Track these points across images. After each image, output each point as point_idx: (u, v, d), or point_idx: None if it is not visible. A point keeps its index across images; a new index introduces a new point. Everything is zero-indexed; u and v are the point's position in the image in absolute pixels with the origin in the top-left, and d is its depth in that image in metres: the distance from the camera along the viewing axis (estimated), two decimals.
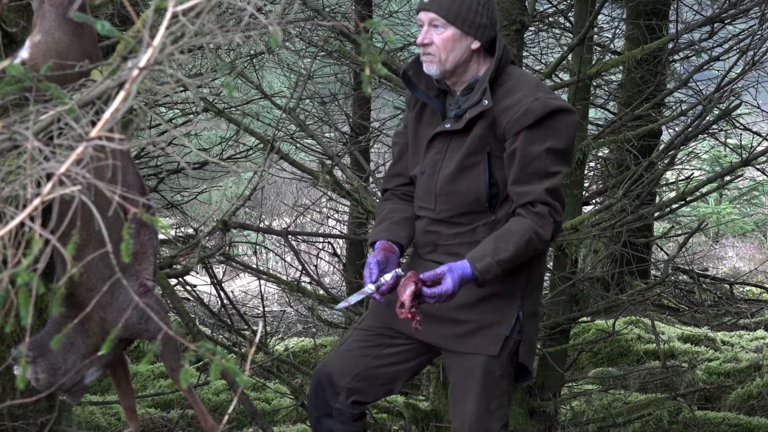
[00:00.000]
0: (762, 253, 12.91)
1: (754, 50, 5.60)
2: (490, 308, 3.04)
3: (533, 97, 2.87)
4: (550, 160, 2.88)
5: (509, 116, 2.88)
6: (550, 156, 2.88)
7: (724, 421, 5.69)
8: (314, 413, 3.32)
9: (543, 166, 2.88)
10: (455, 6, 2.88)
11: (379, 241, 3.08)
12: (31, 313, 1.45)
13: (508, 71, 2.95)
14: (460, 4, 2.88)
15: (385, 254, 3.02)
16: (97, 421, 5.51)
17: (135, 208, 1.54)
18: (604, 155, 8.15)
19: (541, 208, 2.89)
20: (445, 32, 2.90)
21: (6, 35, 3.57)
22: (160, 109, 6.82)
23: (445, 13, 2.88)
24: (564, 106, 2.90)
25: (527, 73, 3.02)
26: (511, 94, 2.90)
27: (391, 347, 3.19)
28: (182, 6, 1.51)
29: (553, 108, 2.86)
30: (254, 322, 7.25)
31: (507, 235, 2.89)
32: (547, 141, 2.87)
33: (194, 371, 5.57)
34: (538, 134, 2.87)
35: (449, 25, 2.89)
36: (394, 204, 3.18)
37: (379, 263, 2.98)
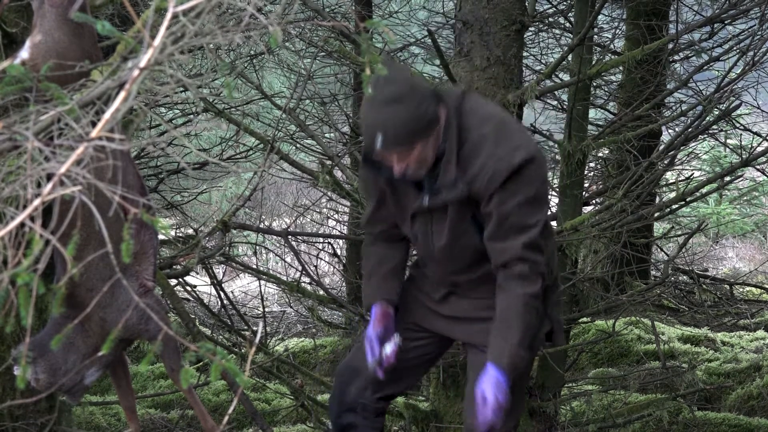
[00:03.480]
0: (762, 253, 12.91)
1: (754, 51, 5.59)
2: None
3: (496, 158, 2.86)
4: (525, 213, 2.89)
5: (478, 183, 2.89)
6: (524, 209, 2.89)
7: (724, 422, 5.69)
8: (336, 409, 3.31)
9: (518, 221, 2.89)
10: (406, 130, 2.81)
11: (374, 306, 3.14)
12: (31, 314, 1.45)
13: (464, 124, 2.91)
14: (407, 126, 2.81)
15: (383, 325, 3.11)
16: (97, 422, 5.51)
17: (135, 208, 1.54)
18: (604, 156, 8.15)
19: (521, 268, 2.91)
20: (412, 153, 2.87)
21: (6, 35, 3.58)
22: (160, 110, 6.82)
23: (402, 142, 2.83)
24: (527, 155, 2.87)
25: (483, 117, 2.92)
26: (475, 156, 2.88)
27: (416, 341, 3.25)
28: (182, 6, 1.51)
29: (518, 164, 2.86)
30: (254, 323, 7.25)
31: (505, 319, 2.93)
32: (518, 195, 2.87)
33: (194, 372, 5.57)
34: (509, 192, 2.87)
35: (412, 146, 2.85)
36: (381, 251, 3.21)
37: (379, 338, 3.08)
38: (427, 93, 2.85)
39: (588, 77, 5.24)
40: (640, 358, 6.92)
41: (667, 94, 6.82)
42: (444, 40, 7.14)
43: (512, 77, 4.83)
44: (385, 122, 2.80)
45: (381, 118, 2.80)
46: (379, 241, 3.22)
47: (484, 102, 3.03)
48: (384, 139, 2.81)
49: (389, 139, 2.81)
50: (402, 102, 2.80)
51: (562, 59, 5.03)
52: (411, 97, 2.80)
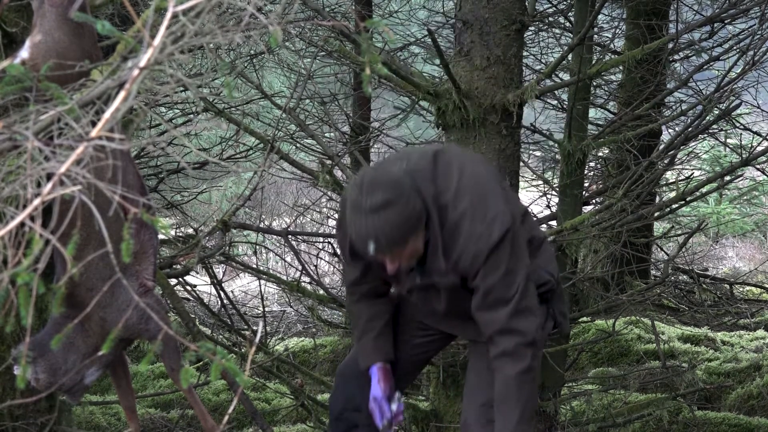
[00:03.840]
0: (762, 253, 12.91)
1: (754, 50, 5.59)
2: None
3: (475, 237, 2.88)
4: (508, 283, 2.92)
5: (462, 265, 2.92)
6: (507, 279, 2.91)
7: (724, 421, 5.69)
8: (337, 407, 3.31)
9: (502, 293, 2.92)
10: (398, 234, 2.82)
11: (374, 367, 3.17)
12: (31, 313, 1.45)
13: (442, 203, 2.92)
14: (399, 229, 2.81)
15: (387, 385, 3.16)
16: (97, 421, 5.51)
17: (135, 208, 1.54)
18: (604, 155, 8.15)
19: (507, 343, 2.94)
20: (404, 252, 2.88)
21: (6, 35, 3.57)
22: (160, 109, 6.82)
23: (395, 246, 2.84)
24: (504, 227, 2.89)
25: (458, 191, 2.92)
26: (456, 238, 2.91)
27: (422, 337, 3.29)
28: (182, 6, 1.51)
29: (495, 241, 2.88)
30: (254, 322, 7.25)
31: (503, 401, 2.98)
32: (500, 267, 2.90)
33: (194, 371, 5.57)
34: (491, 266, 2.90)
35: (404, 246, 2.86)
36: (368, 309, 3.22)
37: (387, 397, 3.14)
38: (410, 189, 2.84)
39: (588, 77, 5.24)
40: (640, 358, 6.92)
41: (667, 93, 6.82)
42: (444, 39, 7.14)
43: (512, 77, 4.84)
44: (376, 230, 2.79)
45: (371, 226, 2.79)
46: (364, 299, 3.23)
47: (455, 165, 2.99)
48: (377, 246, 2.81)
49: (382, 246, 2.82)
50: (390, 207, 2.79)
51: (562, 59, 5.03)
52: (397, 199, 2.80)
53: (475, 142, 4.85)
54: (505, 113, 4.82)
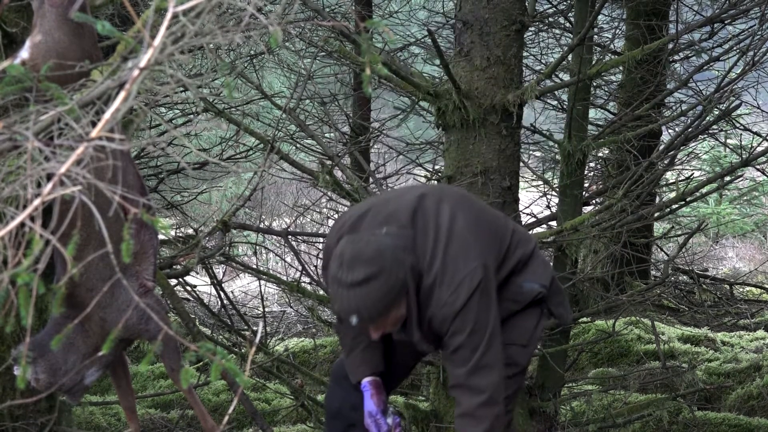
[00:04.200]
0: (762, 253, 12.91)
1: (754, 50, 5.59)
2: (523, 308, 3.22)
3: (441, 304, 2.95)
4: (473, 342, 2.97)
5: (434, 328, 3.01)
6: (472, 338, 2.97)
7: (724, 422, 5.68)
8: (334, 406, 3.33)
9: (467, 352, 2.98)
10: (380, 307, 2.87)
11: (365, 382, 3.21)
12: (31, 314, 1.45)
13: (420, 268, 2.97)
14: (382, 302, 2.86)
15: (381, 399, 3.20)
16: (97, 422, 5.50)
17: (135, 208, 1.54)
18: (604, 155, 8.15)
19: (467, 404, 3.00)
20: (387, 320, 2.94)
21: (6, 35, 3.57)
22: (160, 110, 6.82)
23: (378, 318, 2.89)
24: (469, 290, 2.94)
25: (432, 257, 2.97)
26: (428, 302, 2.97)
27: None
28: (183, 6, 1.51)
29: (460, 307, 2.95)
30: (254, 323, 7.24)
31: None
32: (466, 328, 2.96)
33: (194, 371, 5.57)
34: (457, 327, 2.97)
35: (387, 316, 2.92)
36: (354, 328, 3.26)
37: (383, 413, 3.18)
38: (391, 261, 2.88)
39: (588, 77, 5.24)
40: (640, 358, 6.92)
41: (667, 94, 6.82)
42: (444, 40, 7.14)
43: (512, 77, 4.84)
44: (357, 305, 2.84)
45: (354, 300, 2.84)
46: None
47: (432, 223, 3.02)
48: (359, 319, 2.87)
49: (365, 319, 2.88)
50: (371, 282, 2.84)
51: (562, 59, 5.03)
52: (378, 274, 2.84)
53: (475, 142, 4.85)
54: (505, 113, 4.82)
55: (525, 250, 3.18)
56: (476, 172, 4.85)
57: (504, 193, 4.89)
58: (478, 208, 3.15)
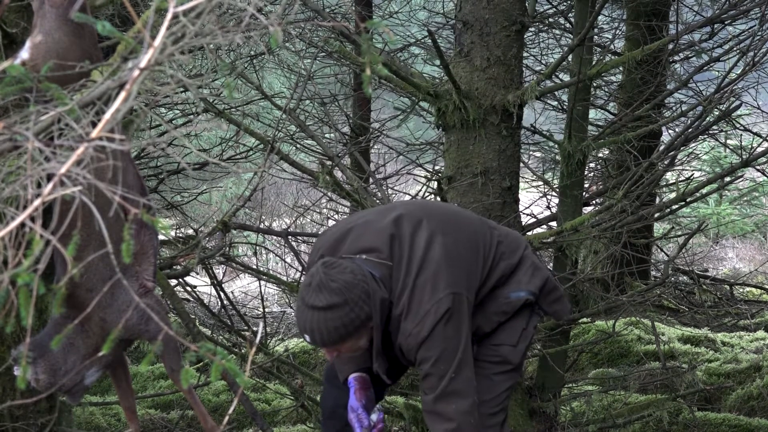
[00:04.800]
0: (762, 254, 12.91)
1: (755, 51, 5.59)
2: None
3: (407, 333, 2.98)
4: (439, 370, 2.99)
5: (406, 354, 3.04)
6: (438, 367, 2.99)
7: (724, 422, 5.68)
8: (329, 405, 3.34)
9: (434, 380, 3.00)
10: (332, 337, 2.90)
11: (351, 378, 3.22)
12: (31, 314, 1.45)
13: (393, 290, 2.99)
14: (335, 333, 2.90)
15: (365, 395, 3.21)
16: (97, 422, 5.50)
17: (135, 208, 1.54)
18: (604, 156, 8.15)
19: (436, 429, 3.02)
20: (341, 347, 2.97)
21: (6, 35, 3.58)
22: (160, 110, 6.82)
23: (332, 343, 2.92)
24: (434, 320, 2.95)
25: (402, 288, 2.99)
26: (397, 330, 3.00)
27: None
28: (183, 6, 1.51)
29: (424, 337, 2.96)
30: (254, 323, 7.24)
31: None
32: (429, 358, 2.98)
33: (194, 372, 5.57)
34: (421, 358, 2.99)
35: (343, 344, 2.95)
36: None
37: (365, 408, 3.19)
38: (359, 295, 2.90)
39: (588, 78, 5.24)
40: (640, 359, 6.92)
41: (667, 94, 6.82)
42: (444, 40, 7.15)
43: (512, 77, 4.84)
44: (313, 327, 2.89)
45: (311, 322, 2.89)
46: None
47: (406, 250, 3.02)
48: (312, 338, 2.92)
49: (317, 342, 2.92)
50: (331, 311, 2.87)
51: (562, 60, 5.03)
52: (341, 306, 2.87)
53: (475, 142, 4.85)
54: (505, 114, 4.82)
55: (510, 261, 3.16)
56: (476, 173, 4.85)
57: (504, 193, 4.89)
58: (458, 229, 3.12)
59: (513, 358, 3.19)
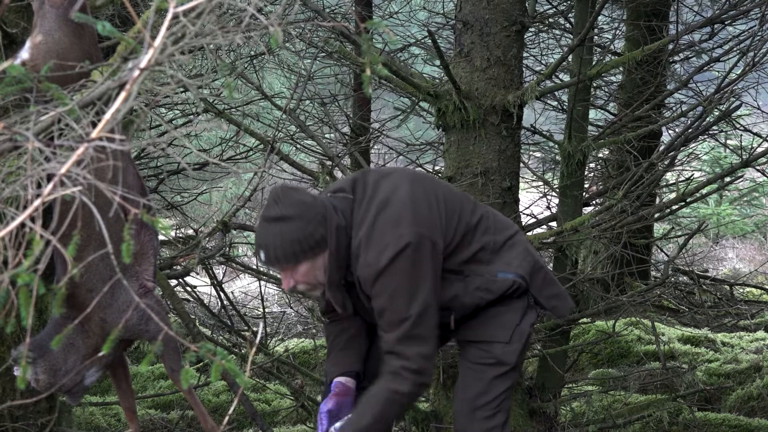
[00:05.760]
0: (762, 254, 12.91)
1: (755, 51, 5.59)
2: (502, 302, 3.14)
3: (365, 264, 2.94)
4: (398, 307, 2.94)
5: (365, 289, 2.99)
6: (396, 302, 2.94)
7: (724, 423, 5.68)
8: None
9: (392, 316, 2.95)
10: (286, 251, 2.89)
11: (335, 382, 3.19)
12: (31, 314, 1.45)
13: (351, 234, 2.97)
14: (291, 244, 2.88)
15: (337, 401, 3.15)
16: (97, 422, 5.51)
17: (135, 208, 1.54)
18: (604, 156, 8.15)
19: (393, 364, 2.97)
20: (297, 271, 2.94)
21: (6, 36, 3.58)
22: (160, 110, 6.82)
23: (282, 261, 2.91)
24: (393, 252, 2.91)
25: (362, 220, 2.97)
26: (356, 261, 2.97)
27: None
28: (183, 7, 1.51)
29: (382, 267, 2.92)
30: (254, 323, 7.24)
31: (365, 403, 3.03)
32: (387, 290, 2.93)
33: (194, 372, 5.56)
34: (379, 289, 2.94)
35: (295, 265, 2.92)
36: (337, 326, 3.26)
37: (330, 413, 3.13)
38: (315, 215, 2.90)
39: (588, 78, 5.24)
40: (640, 359, 6.92)
41: (667, 94, 6.81)
42: (444, 40, 7.14)
43: (512, 78, 4.84)
44: (266, 240, 2.89)
45: (264, 235, 2.89)
46: (336, 322, 3.28)
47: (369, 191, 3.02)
48: (266, 255, 2.90)
49: (270, 257, 2.90)
50: (285, 222, 2.87)
51: (562, 60, 5.03)
52: (295, 218, 2.87)
53: (475, 143, 4.85)
54: (506, 114, 4.82)
55: (495, 238, 3.11)
56: (476, 173, 4.85)
57: (504, 193, 4.89)
58: (434, 186, 3.11)
59: (507, 358, 3.13)
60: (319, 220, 2.91)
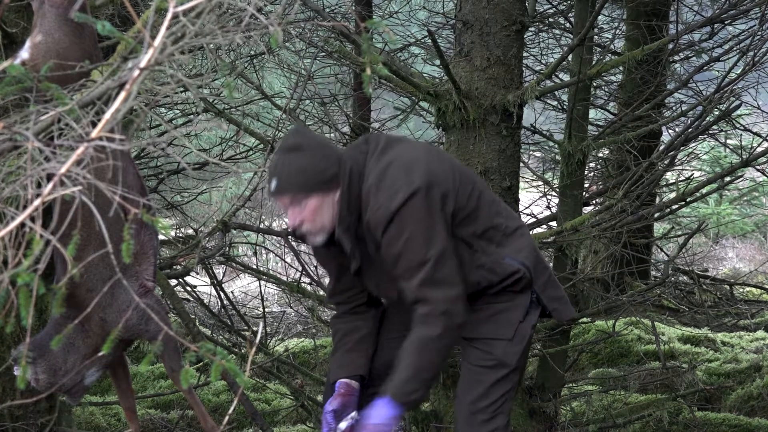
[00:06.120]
0: (762, 253, 12.91)
1: (755, 51, 5.60)
2: (505, 298, 3.12)
3: (377, 207, 2.91)
4: (415, 251, 2.90)
5: (371, 231, 2.95)
6: (412, 246, 2.90)
7: (724, 422, 5.68)
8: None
9: (409, 261, 2.91)
10: (299, 180, 2.87)
11: (338, 383, 3.16)
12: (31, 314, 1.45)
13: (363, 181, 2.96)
14: (305, 173, 2.87)
15: (341, 401, 3.13)
16: (97, 422, 5.51)
17: (135, 208, 1.54)
18: (604, 156, 8.15)
19: (421, 310, 2.93)
20: (308, 205, 2.91)
21: (6, 35, 3.58)
22: (160, 110, 6.82)
23: (297, 189, 2.88)
24: (406, 194, 2.89)
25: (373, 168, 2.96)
26: (366, 206, 2.94)
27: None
28: (183, 6, 1.51)
29: (394, 210, 2.89)
30: (254, 323, 7.24)
31: (403, 357, 2.97)
32: (403, 235, 2.90)
33: (194, 372, 5.55)
34: (392, 235, 2.90)
35: (308, 197, 2.90)
36: (347, 324, 3.23)
37: (335, 413, 3.11)
38: (332, 155, 2.91)
39: (588, 77, 5.24)
40: (640, 359, 6.92)
41: (667, 94, 6.81)
42: (444, 40, 7.14)
43: (512, 77, 4.84)
44: (281, 168, 2.87)
45: (278, 164, 2.88)
46: (345, 315, 3.25)
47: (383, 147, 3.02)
48: (278, 183, 2.87)
49: (282, 186, 2.87)
50: (302, 151, 2.87)
51: (562, 59, 5.03)
52: (314, 150, 2.87)
53: (475, 142, 4.85)
54: (505, 114, 4.82)
55: (508, 223, 3.11)
56: (476, 173, 4.85)
57: (504, 193, 4.89)
58: (449, 157, 3.13)
59: (508, 359, 3.11)
60: (335, 159, 2.91)
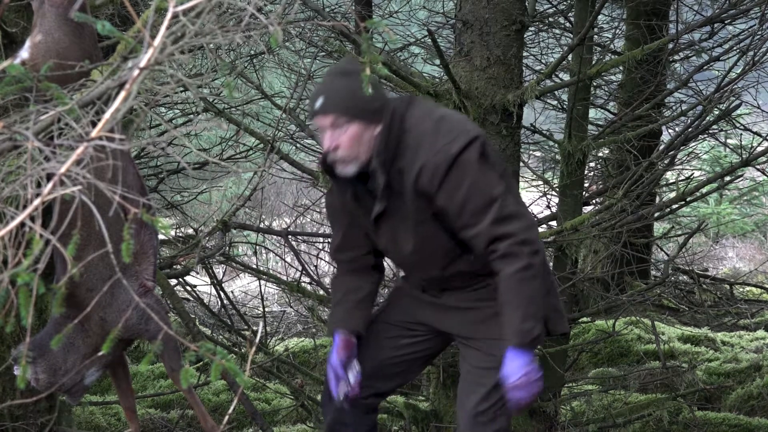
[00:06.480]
0: (762, 253, 12.91)
1: (755, 50, 5.59)
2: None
3: (434, 151, 2.86)
4: (481, 194, 2.87)
5: (423, 181, 2.88)
6: (477, 190, 2.87)
7: (724, 422, 5.68)
8: (329, 419, 3.31)
9: (476, 204, 2.88)
10: (347, 101, 2.86)
11: (337, 335, 3.16)
12: (31, 314, 1.45)
13: (404, 126, 2.92)
14: (353, 97, 2.85)
15: (346, 353, 3.14)
16: (97, 422, 5.50)
17: (135, 208, 1.54)
18: (604, 155, 8.15)
19: (500, 247, 2.88)
20: (348, 130, 2.88)
21: (6, 35, 3.57)
22: (160, 110, 6.82)
23: (343, 110, 2.86)
24: (465, 140, 2.87)
25: (422, 117, 2.94)
26: (417, 155, 2.89)
27: (409, 338, 3.26)
28: (183, 6, 1.51)
29: (455, 153, 2.85)
30: (254, 323, 7.24)
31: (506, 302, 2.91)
32: (465, 181, 2.86)
33: (194, 372, 5.55)
34: (455, 182, 2.87)
35: (350, 122, 2.87)
36: (349, 282, 3.21)
37: (343, 364, 3.13)
38: (380, 91, 2.93)
39: (588, 77, 5.24)
40: (640, 358, 6.92)
41: (667, 94, 6.81)
42: (444, 40, 7.14)
43: (512, 77, 4.84)
44: (331, 88, 2.87)
45: (329, 84, 2.88)
46: (348, 273, 3.23)
47: (426, 105, 3.04)
48: (324, 101, 2.86)
49: (327, 104, 2.85)
50: (354, 79, 2.85)
51: (562, 59, 5.03)
52: (359, 80, 2.84)
53: None
54: (505, 113, 4.82)
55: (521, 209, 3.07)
56: None
57: None
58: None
59: None
60: (382, 95, 2.92)
